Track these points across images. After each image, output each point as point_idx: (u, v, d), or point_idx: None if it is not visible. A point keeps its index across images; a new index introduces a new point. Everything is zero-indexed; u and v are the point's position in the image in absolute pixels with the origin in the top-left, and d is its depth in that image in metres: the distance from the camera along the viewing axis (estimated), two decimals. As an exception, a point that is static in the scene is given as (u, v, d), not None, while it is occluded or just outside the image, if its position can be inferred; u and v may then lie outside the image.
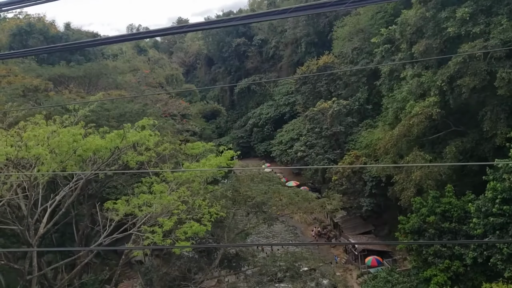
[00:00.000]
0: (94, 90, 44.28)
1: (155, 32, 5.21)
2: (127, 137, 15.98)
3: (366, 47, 65.11)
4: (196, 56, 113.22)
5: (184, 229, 18.30)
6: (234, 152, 20.09)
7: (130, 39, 6.39)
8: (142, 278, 24.73)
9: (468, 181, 37.92)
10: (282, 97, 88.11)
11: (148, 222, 18.31)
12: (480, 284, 32.57)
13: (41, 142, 15.54)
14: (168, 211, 18.51)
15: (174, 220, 17.99)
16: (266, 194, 29.91)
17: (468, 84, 32.63)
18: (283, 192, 32.53)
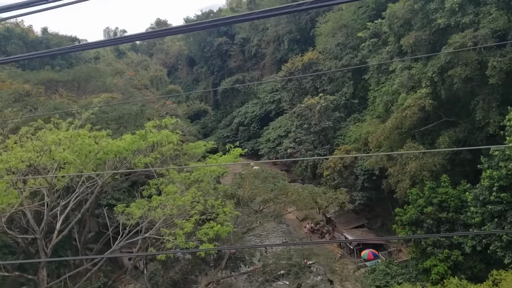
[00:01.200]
0: (83, 93, 43.38)
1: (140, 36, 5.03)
2: (149, 138, 15.50)
3: (350, 42, 65.38)
4: (177, 57, 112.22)
5: (204, 231, 17.86)
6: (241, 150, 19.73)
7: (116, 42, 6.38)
8: (148, 283, 24.19)
9: (460, 170, 38.32)
10: (267, 95, 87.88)
11: (163, 224, 17.83)
12: (479, 272, 32.93)
13: (64, 146, 14.92)
14: (183, 212, 18.05)
15: (193, 221, 17.57)
16: (273, 191, 29.64)
17: (459, 74, 32.86)
18: (290, 188, 32.27)
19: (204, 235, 17.81)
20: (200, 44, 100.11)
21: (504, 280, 21.12)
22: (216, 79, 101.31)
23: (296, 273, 30.70)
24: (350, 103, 62.88)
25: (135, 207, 16.43)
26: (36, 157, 14.44)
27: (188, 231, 17.34)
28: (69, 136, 14.65)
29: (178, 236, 16.57)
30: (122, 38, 5.79)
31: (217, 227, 18.15)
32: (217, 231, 18.12)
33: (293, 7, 4.64)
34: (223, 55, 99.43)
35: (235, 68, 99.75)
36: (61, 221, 16.51)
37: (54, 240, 17.14)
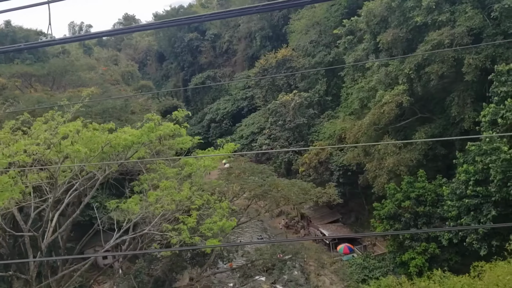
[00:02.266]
0: (58, 88, 41.88)
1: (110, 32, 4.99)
2: (160, 130, 15.04)
3: (323, 40, 65.92)
4: (146, 52, 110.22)
5: (208, 225, 17.46)
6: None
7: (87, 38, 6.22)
8: (134, 280, 23.63)
9: (433, 165, 39.25)
10: (239, 91, 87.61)
11: (162, 220, 17.38)
12: (455, 264, 33.89)
13: (70, 138, 14.25)
14: (182, 208, 17.63)
15: (195, 216, 17.18)
16: (263, 186, 29.45)
17: (436, 71, 33.61)
18: (280, 183, 32.19)
19: (208, 230, 17.48)
20: (170, 40, 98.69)
21: (485, 272, 21.71)
22: (186, 75, 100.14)
23: (281, 268, 30.74)
24: (323, 100, 63.48)
25: (132, 203, 15.93)
26: (43, 150, 13.71)
27: (192, 225, 16.97)
28: (78, 128, 14.02)
29: (182, 231, 16.19)
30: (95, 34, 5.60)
31: (222, 222, 17.84)
32: (222, 226, 17.80)
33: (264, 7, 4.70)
34: (193, 51, 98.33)
35: (206, 64, 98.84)
36: (56, 219, 15.80)
37: (49, 238, 16.42)
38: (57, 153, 13.91)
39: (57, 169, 14.54)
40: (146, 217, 17.49)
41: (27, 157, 13.79)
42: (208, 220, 17.97)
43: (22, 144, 14.60)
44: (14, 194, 14.00)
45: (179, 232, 16.54)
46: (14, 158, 13.78)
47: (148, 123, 15.55)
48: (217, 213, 18.52)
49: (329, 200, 52.68)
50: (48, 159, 14.04)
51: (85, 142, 13.95)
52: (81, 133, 14.25)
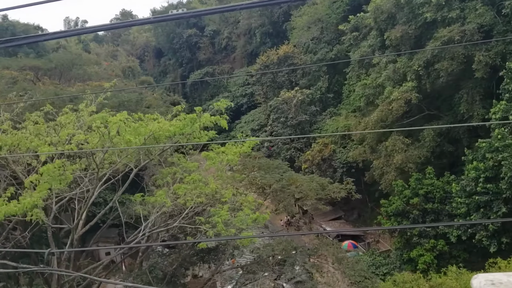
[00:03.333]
0: (66, 81, 41.37)
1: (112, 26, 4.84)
2: (202, 121, 14.76)
3: (325, 37, 65.81)
4: (144, 48, 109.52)
5: (241, 218, 17.22)
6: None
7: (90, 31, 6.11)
8: (149, 275, 23.34)
9: (437, 163, 39.25)
10: (238, 88, 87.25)
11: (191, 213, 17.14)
12: (463, 261, 33.89)
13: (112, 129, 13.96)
14: (211, 201, 17.40)
15: (226, 209, 16.92)
16: (280, 181, 29.20)
17: (446, 68, 33.53)
18: (298, 178, 31.94)
19: (241, 223, 17.26)
20: (169, 36, 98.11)
21: (501, 269, 21.69)
22: (184, 71, 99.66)
23: (292, 264, 30.60)
24: (325, 97, 63.33)
25: (161, 196, 15.65)
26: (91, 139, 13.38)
27: (226, 218, 16.72)
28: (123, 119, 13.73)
29: (218, 224, 15.95)
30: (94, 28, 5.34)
31: (255, 215, 17.64)
32: (256, 218, 17.58)
33: (266, 1, 4.67)
34: (192, 47, 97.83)
35: (204, 60, 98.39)
36: (86, 211, 15.49)
37: (81, 230, 16.11)
38: (103, 143, 13.58)
39: (102, 159, 14.21)
40: (170, 211, 17.26)
41: (74, 147, 13.44)
42: (240, 213, 17.75)
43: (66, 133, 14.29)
44: (62, 184, 13.68)
45: (212, 225, 16.33)
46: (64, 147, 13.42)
47: (190, 115, 15.27)
48: (244, 207, 18.31)
49: (332, 197, 52.71)
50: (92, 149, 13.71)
51: (131, 133, 13.65)
52: (127, 123, 13.95)
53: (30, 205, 12.24)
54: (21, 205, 12.02)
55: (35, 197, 12.43)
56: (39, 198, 12.66)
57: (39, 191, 12.79)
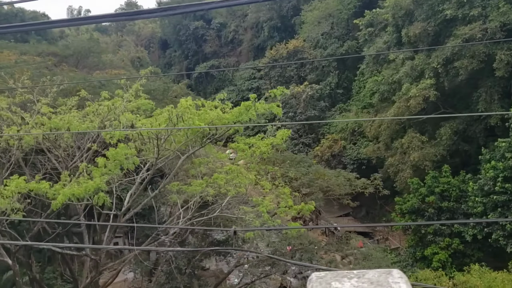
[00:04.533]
0: (83, 69, 40.96)
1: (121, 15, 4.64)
2: (257, 108, 14.50)
3: (335, 32, 65.53)
4: (150, 39, 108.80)
5: (283, 209, 17.00)
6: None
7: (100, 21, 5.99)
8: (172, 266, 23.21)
9: (450, 161, 39.11)
10: (244, 82, 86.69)
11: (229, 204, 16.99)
12: (477, 260, 33.81)
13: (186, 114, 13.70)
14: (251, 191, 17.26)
15: (269, 199, 16.74)
16: (307, 175, 29.00)
17: (466, 66, 33.32)
18: (325, 173, 31.75)
19: (283, 213, 17.05)
20: (175, 27, 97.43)
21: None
22: (190, 64, 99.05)
23: (310, 259, 30.48)
24: (334, 93, 63.07)
25: (201, 185, 15.42)
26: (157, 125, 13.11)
27: (271, 208, 16.56)
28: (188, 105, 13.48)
29: (263, 214, 15.77)
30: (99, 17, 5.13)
31: (300, 206, 17.42)
32: (301, 209, 17.37)
33: None
34: (198, 40, 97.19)
35: (210, 53, 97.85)
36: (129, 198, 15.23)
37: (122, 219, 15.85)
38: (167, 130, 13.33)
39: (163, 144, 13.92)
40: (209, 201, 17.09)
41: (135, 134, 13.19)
42: (282, 203, 17.55)
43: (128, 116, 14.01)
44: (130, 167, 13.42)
45: (257, 215, 16.17)
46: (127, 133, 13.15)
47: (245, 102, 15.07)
48: (281, 199, 18.13)
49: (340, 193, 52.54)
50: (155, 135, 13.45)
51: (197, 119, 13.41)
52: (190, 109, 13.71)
53: (94, 189, 11.97)
54: (83, 189, 11.73)
55: (98, 181, 12.16)
56: (102, 182, 12.40)
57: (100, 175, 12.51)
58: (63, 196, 11.25)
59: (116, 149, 12.77)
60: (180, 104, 13.62)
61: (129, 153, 13.05)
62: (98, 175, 12.53)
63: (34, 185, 11.87)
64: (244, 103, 14.83)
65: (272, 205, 16.59)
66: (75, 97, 18.41)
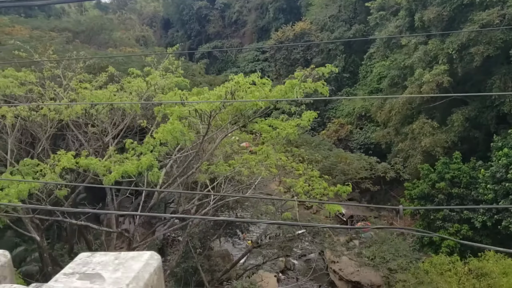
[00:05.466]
0: (95, 46, 40.29)
1: None
2: (305, 87, 14.27)
3: (343, 15, 64.89)
4: (152, 18, 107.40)
5: (319, 190, 16.82)
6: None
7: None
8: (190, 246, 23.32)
9: (457, 148, 39.10)
10: (248, 64, 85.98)
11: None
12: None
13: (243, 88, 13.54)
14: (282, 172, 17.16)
15: (303, 181, 16.61)
16: (329, 158, 28.89)
17: (482, 53, 33.02)
18: (347, 156, 31.62)
19: (320, 195, 16.93)
20: (178, 6, 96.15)
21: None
22: (193, 44, 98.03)
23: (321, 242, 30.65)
24: (341, 77, 62.68)
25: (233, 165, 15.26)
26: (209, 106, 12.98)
27: (307, 190, 16.43)
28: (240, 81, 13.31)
29: (300, 195, 15.68)
30: None
31: (337, 187, 17.28)
32: (338, 191, 17.24)
33: None
34: (201, 20, 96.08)
35: (213, 34, 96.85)
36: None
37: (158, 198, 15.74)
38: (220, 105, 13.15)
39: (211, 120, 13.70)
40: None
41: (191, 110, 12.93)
42: (316, 185, 17.42)
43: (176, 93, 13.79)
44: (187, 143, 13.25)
45: (292, 195, 16.09)
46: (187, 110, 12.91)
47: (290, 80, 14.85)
48: (312, 181, 17.98)
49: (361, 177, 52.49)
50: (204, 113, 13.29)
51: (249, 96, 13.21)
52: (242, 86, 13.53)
53: (147, 165, 11.78)
54: (135, 166, 11.53)
55: (150, 157, 11.95)
56: (154, 158, 12.21)
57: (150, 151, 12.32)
58: (116, 174, 11.08)
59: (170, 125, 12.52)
60: (233, 81, 13.42)
61: (184, 130, 12.88)
62: (146, 151, 12.33)
63: (84, 160, 11.68)
64: (290, 81, 14.60)
65: (307, 186, 16.45)
66: (104, 73, 18.12)
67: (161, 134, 12.14)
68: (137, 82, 16.02)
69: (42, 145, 16.18)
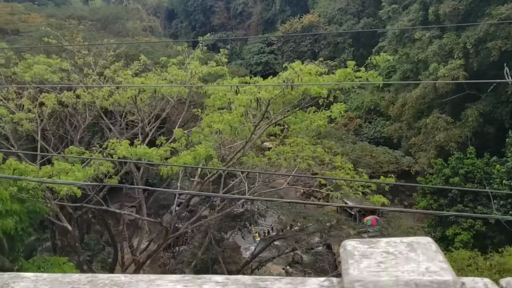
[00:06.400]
0: (109, 34, 39.87)
1: None
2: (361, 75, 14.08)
3: (351, 8, 64.53)
4: (156, 9, 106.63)
5: (359, 183, 16.60)
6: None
7: None
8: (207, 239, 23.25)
9: (471, 144, 38.98)
10: (253, 56, 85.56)
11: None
12: (499, 242, 34.01)
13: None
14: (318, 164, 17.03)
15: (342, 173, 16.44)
16: (354, 151, 28.78)
17: (499, 47, 32.81)
18: (373, 149, 31.47)
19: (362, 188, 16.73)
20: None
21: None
22: (197, 36, 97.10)
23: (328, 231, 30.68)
24: (348, 70, 62.39)
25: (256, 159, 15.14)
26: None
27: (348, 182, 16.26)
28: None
29: (343, 186, 15.55)
30: None
31: (382, 179, 17.04)
32: (381, 182, 16.99)
33: None
34: (206, 11, 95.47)
35: (218, 25, 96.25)
36: None
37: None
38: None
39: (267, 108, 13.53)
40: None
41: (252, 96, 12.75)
42: (356, 177, 17.19)
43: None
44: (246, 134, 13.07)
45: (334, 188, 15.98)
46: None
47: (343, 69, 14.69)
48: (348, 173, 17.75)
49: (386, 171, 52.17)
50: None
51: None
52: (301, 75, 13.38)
53: (204, 155, 11.57)
54: (191, 156, 11.31)
55: (204, 147, 11.73)
56: (210, 148, 12.01)
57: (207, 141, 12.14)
58: (177, 168, 10.88)
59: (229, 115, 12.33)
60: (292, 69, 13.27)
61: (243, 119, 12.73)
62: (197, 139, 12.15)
63: (140, 149, 11.44)
64: (343, 70, 14.41)
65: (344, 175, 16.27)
66: (138, 62, 17.87)
67: (220, 124, 11.93)
68: (176, 71, 15.81)
69: (80, 134, 15.98)
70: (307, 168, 16.67)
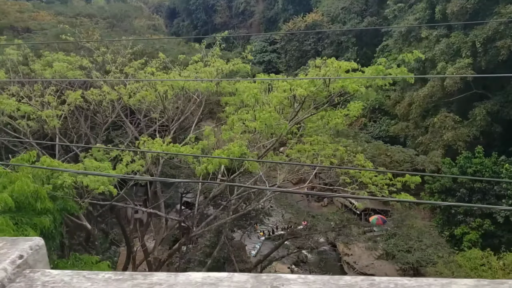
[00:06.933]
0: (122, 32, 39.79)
1: None
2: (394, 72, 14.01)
3: (355, 7, 64.41)
4: (157, 7, 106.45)
5: (383, 181, 16.34)
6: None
7: None
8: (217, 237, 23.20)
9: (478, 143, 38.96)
10: (256, 55, 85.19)
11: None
12: (507, 241, 34.03)
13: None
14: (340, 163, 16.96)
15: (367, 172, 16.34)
16: (366, 150, 28.70)
17: (508, 46, 32.77)
18: (388, 149, 31.35)
19: (387, 186, 16.58)
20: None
21: None
22: (199, 34, 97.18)
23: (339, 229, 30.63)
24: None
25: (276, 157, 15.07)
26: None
27: (375, 180, 16.12)
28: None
29: (369, 185, 15.47)
30: None
31: (405, 178, 16.89)
32: (406, 181, 16.83)
33: None
34: (208, 10, 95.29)
35: (220, 24, 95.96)
36: None
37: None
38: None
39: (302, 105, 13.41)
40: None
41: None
42: (380, 176, 17.06)
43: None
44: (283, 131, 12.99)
45: (359, 186, 15.91)
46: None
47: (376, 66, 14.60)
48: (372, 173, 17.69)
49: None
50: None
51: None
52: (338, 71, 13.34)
53: (238, 154, 11.45)
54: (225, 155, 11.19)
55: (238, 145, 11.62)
56: (244, 146, 11.89)
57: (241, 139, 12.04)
58: (212, 166, 10.77)
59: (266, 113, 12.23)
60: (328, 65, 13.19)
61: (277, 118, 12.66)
62: (227, 137, 12.04)
63: (174, 147, 11.33)
64: (376, 66, 14.31)
65: (374, 177, 16.18)
66: (157, 59, 17.81)
67: (257, 123, 11.83)
68: (203, 67, 15.77)
69: (103, 131, 15.88)
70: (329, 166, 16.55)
